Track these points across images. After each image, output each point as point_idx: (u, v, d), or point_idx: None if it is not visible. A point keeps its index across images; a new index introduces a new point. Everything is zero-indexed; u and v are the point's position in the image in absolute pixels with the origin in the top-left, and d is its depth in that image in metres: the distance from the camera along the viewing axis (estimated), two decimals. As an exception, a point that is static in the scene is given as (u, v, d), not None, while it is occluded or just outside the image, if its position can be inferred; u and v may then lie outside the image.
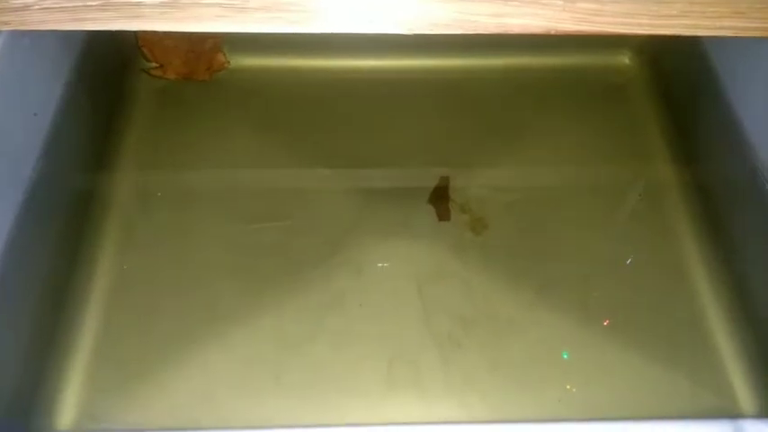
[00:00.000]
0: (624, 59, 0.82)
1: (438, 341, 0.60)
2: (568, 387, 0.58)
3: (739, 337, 0.61)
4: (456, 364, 0.59)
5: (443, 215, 0.68)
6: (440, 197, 0.69)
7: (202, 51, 0.77)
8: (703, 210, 0.68)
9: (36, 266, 0.58)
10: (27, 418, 0.54)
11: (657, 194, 0.71)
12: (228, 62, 0.78)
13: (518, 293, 0.63)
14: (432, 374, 0.58)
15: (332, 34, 0.50)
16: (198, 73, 0.77)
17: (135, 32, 0.76)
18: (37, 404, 0.55)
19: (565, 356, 0.59)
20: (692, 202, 0.69)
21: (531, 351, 0.60)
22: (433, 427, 0.38)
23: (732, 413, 0.56)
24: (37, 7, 0.49)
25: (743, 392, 0.58)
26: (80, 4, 0.48)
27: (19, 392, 0.53)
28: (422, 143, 0.74)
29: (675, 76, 0.77)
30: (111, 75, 0.76)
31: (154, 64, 0.77)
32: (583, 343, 0.60)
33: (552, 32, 0.51)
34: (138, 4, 0.49)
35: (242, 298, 0.62)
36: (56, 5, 0.49)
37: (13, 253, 0.54)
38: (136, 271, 0.63)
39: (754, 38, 0.52)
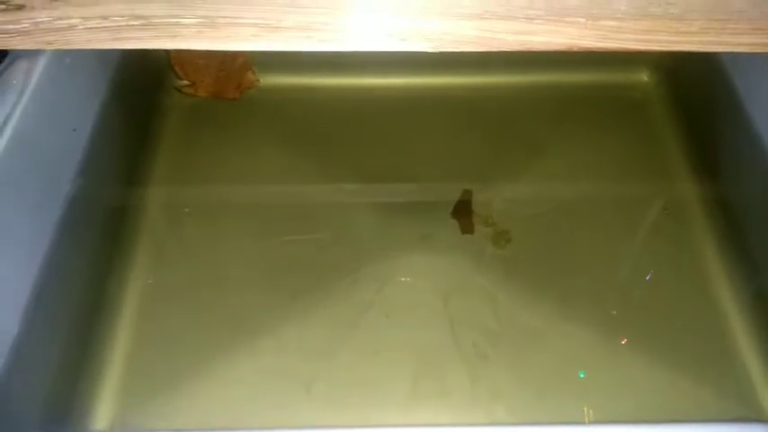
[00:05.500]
0: (642, 76, 0.83)
1: (464, 352, 0.61)
2: (594, 399, 0.58)
3: (765, 349, 0.61)
4: (482, 376, 0.59)
5: (467, 228, 0.69)
6: (463, 211, 0.70)
7: (233, 70, 0.79)
8: (725, 224, 0.69)
9: (72, 279, 0.59)
10: (61, 427, 0.55)
11: (678, 209, 0.71)
12: (258, 80, 0.80)
13: (543, 306, 0.63)
14: (458, 385, 0.59)
15: (358, 53, 0.52)
16: (228, 91, 0.79)
17: (167, 51, 0.78)
18: (71, 413, 0.56)
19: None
20: (713, 216, 0.70)
21: (556, 363, 0.60)
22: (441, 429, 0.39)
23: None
24: (81, 27, 0.51)
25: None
26: (123, 23, 0.50)
27: (54, 401, 0.55)
28: (445, 158, 0.75)
29: (694, 91, 0.78)
30: (144, 92, 0.78)
31: (185, 82, 0.79)
32: (608, 355, 0.61)
33: (574, 49, 0.52)
34: (176, 24, 0.51)
35: (270, 310, 0.63)
36: (99, 25, 0.51)
37: (52, 266, 0.56)
38: (166, 284, 0.65)
39: (772, 53, 0.53)
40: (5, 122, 0.53)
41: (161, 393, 0.58)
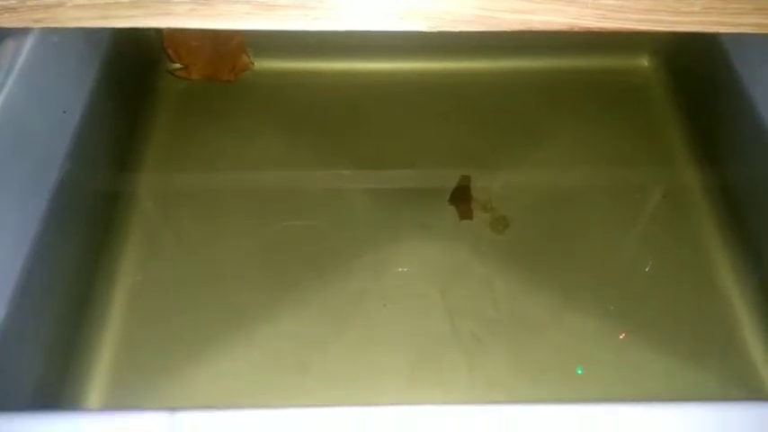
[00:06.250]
0: (642, 61, 0.83)
1: (461, 341, 0.60)
2: (593, 388, 0.57)
3: None
4: (480, 364, 0.59)
5: (465, 214, 0.69)
6: (461, 197, 0.70)
7: (227, 52, 0.78)
8: (726, 208, 0.68)
9: (62, 263, 0.59)
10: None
11: (679, 195, 0.71)
12: (252, 63, 0.79)
13: (541, 293, 0.63)
14: (455, 374, 0.58)
15: (354, 37, 0.51)
16: (222, 73, 0.78)
17: (160, 33, 0.77)
18: (60, 401, 0.55)
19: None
20: (714, 200, 0.70)
21: (555, 352, 0.60)
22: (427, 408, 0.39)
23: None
24: (70, 4, 0.49)
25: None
26: (112, 1, 0.49)
27: (41, 390, 0.54)
28: (443, 144, 0.75)
29: (694, 76, 0.78)
30: (137, 75, 0.77)
31: (178, 65, 0.78)
32: (607, 343, 0.60)
33: (575, 29, 0.51)
34: (168, 2, 0.50)
35: (265, 298, 0.62)
36: (88, 3, 0.49)
37: (40, 250, 0.55)
38: (158, 272, 0.64)
39: (776, 34, 0.52)
40: (-8, 103, 0.52)
41: (153, 382, 0.57)
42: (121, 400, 0.56)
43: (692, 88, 0.78)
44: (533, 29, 0.51)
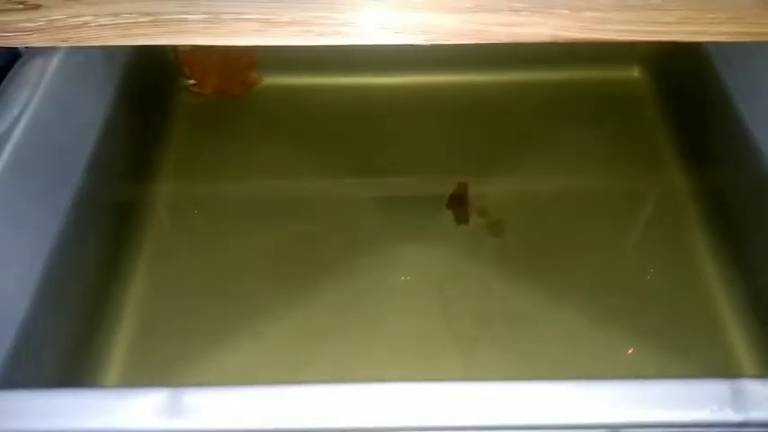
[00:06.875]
0: (633, 73, 0.85)
1: (458, 339, 0.62)
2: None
3: (759, 345, 0.61)
4: (475, 361, 0.60)
5: (462, 219, 0.71)
6: (458, 202, 0.72)
7: (237, 69, 0.82)
8: (714, 215, 0.70)
9: (81, 264, 0.61)
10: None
11: (668, 200, 0.73)
12: (261, 79, 0.83)
13: (535, 293, 0.65)
14: (452, 371, 0.60)
15: (355, 53, 0.54)
16: (233, 88, 0.82)
17: (176, 52, 0.81)
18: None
19: None
20: (702, 208, 0.71)
21: (549, 350, 0.61)
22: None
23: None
24: (94, 24, 0.53)
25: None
26: (132, 20, 0.53)
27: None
28: (440, 154, 0.77)
29: (683, 87, 0.79)
30: (154, 91, 0.80)
31: (193, 81, 0.82)
32: (599, 344, 0.61)
33: (560, 40, 0.54)
34: (183, 21, 0.54)
35: (272, 296, 0.64)
36: (110, 23, 0.53)
37: (61, 252, 0.57)
38: (172, 272, 0.66)
39: (752, 42, 0.54)
40: (20, 116, 0.55)
41: (165, 376, 0.59)
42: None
43: (680, 99, 0.80)
44: (520, 40, 0.54)
